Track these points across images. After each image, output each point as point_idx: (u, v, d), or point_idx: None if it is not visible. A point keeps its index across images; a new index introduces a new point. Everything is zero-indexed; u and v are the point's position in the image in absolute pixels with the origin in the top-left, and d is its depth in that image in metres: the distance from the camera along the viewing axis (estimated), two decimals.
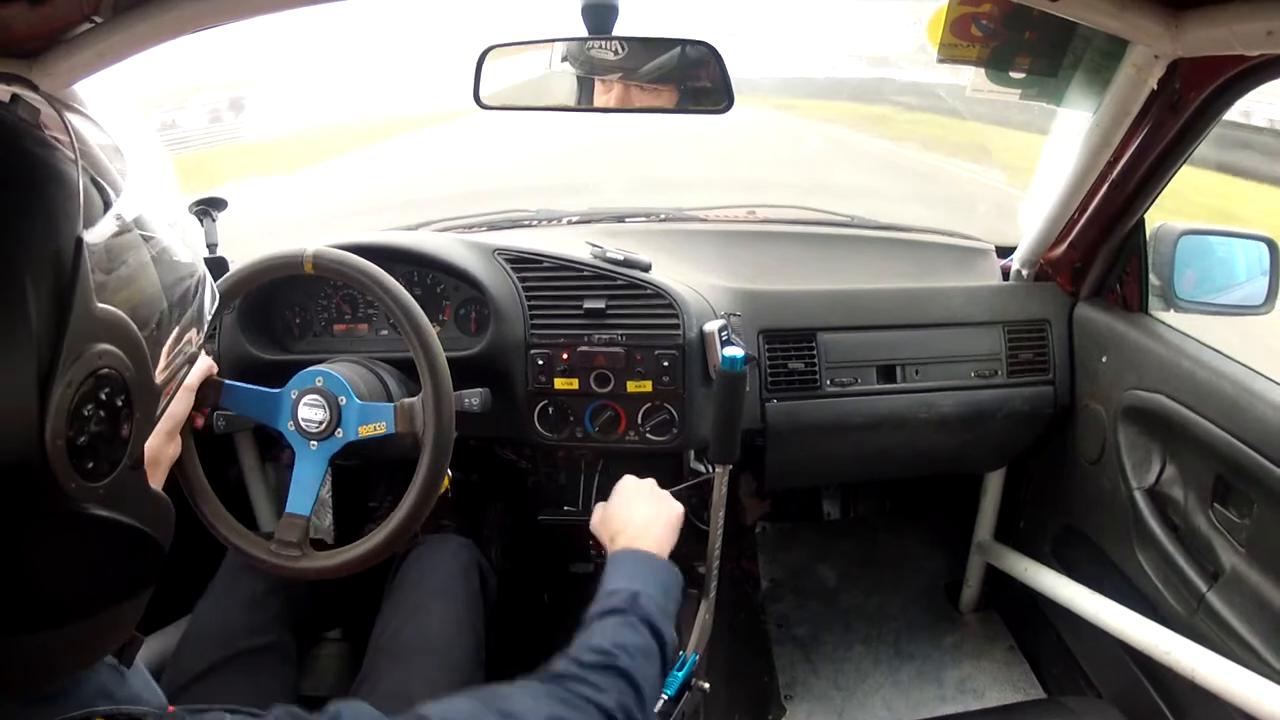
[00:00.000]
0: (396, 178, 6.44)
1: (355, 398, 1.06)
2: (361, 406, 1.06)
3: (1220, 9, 0.91)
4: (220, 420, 1.16)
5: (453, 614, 1.17)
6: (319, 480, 1.06)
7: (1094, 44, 1.11)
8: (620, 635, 0.81)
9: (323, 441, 1.05)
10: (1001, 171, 5.18)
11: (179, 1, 0.97)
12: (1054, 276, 1.50)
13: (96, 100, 1.16)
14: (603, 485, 1.44)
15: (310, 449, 1.06)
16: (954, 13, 1.12)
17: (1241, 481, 1.13)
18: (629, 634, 0.81)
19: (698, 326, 1.30)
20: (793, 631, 1.87)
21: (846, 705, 1.70)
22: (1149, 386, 1.27)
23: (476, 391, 1.16)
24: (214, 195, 1.36)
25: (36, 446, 0.41)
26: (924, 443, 1.52)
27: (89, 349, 0.42)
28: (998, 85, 1.18)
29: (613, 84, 1.09)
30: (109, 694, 0.49)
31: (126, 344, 0.45)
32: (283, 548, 1.04)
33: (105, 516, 0.47)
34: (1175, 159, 1.18)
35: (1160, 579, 1.28)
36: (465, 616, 1.18)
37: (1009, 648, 1.81)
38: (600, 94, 1.10)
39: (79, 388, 0.42)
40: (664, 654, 0.85)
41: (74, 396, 0.42)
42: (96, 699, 0.49)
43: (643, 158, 3.99)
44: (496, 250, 1.37)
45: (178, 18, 1.00)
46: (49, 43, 1.02)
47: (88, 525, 0.46)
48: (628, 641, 0.80)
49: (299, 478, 1.06)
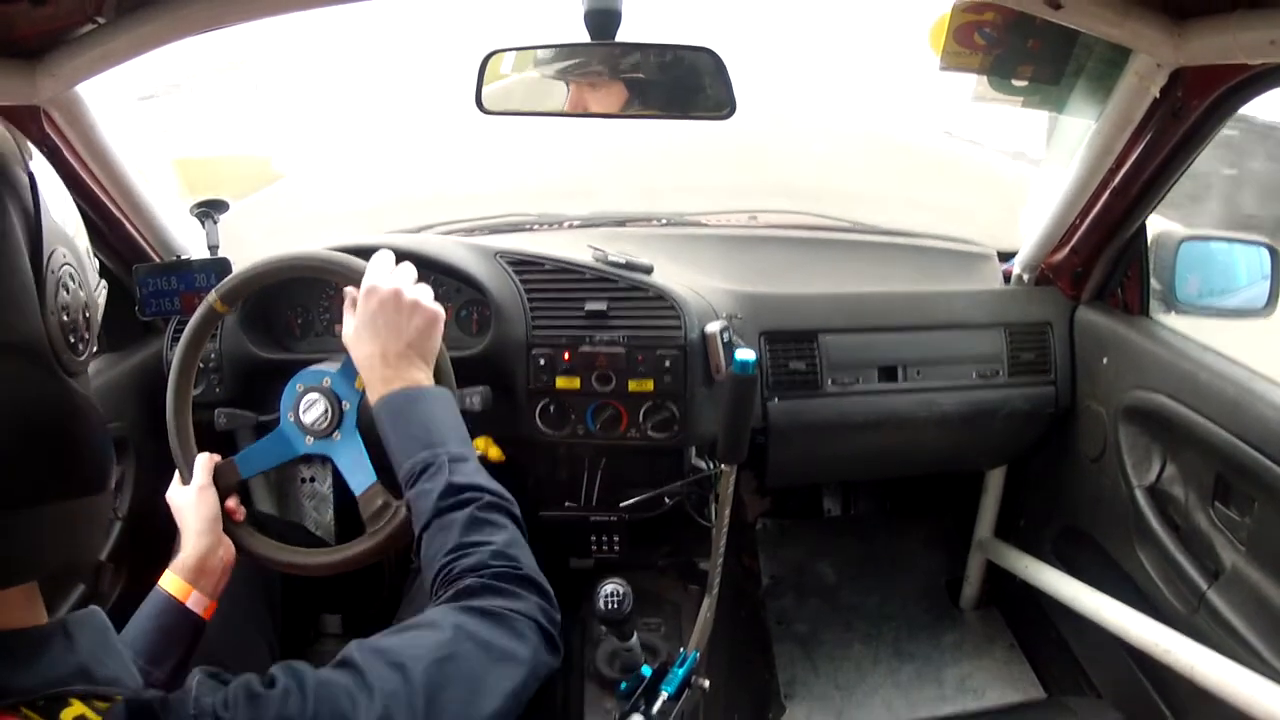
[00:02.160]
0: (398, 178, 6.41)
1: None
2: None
3: (1223, 18, 0.91)
4: (221, 418, 1.16)
5: None
6: (277, 461, 1.07)
7: (1096, 52, 1.11)
8: (475, 529, 0.78)
9: (302, 434, 1.05)
10: None
11: (184, 3, 0.97)
12: (1055, 281, 1.50)
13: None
14: (604, 482, 1.44)
15: (304, 442, 1.05)
16: (957, 21, 1.12)
17: (1242, 480, 1.14)
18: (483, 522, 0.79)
19: (699, 328, 1.30)
20: (793, 629, 1.88)
21: (846, 704, 1.71)
22: (1150, 386, 1.28)
23: (477, 389, 1.17)
24: (215, 198, 1.36)
25: (40, 324, 0.50)
26: (925, 441, 1.53)
27: (55, 248, 0.52)
28: (1000, 93, 1.19)
29: (614, 89, 1.09)
30: (88, 675, 0.50)
31: (71, 249, 0.55)
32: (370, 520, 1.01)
33: (83, 395, 0.54)
34: (1177, 167, 1.18)
35: (1160, 577, 1.29)
36: None
37: (1009, 646, 1.82)
38: (602, 99, 1.10)
39: (56, 277, 0.52)
40: (512, 512, 0.83)
41: (55, 284, 0.51)
42: (74, 680, 0.49)
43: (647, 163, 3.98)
44: (498, 253, 1.38)
45: (183, 19, 0.99)
46: (52, 43, 1.02)
47: (76, 402, 0.53)
48: (486, 536, 0.78)
49: (262, 443, 1.07)
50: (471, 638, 0.66)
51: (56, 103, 1.09)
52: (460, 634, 0.66)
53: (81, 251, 0.57)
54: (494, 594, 0.71)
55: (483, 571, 0.73)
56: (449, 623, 0.67)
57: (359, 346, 0.93)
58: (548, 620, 0.73)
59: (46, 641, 0.50)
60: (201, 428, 1.11)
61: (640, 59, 1.07)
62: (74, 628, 0.52)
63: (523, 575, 0.75)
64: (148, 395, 1.37)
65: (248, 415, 1.16)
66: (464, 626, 0.67)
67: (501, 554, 0.76)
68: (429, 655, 0.63)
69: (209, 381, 1.34)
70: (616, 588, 1.14)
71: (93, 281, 0.58)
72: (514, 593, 0.72)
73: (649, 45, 1.05)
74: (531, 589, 0.74)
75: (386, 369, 0.90)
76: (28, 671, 0.48)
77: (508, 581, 0.73)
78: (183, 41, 1.02)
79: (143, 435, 1.38)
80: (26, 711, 0.46)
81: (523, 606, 0.71)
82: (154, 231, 1.38)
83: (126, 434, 1.36)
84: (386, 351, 0.91)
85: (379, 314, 0.92)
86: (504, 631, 0.69)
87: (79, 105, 1.12)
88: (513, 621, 0.70)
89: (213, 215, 1.34)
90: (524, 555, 0.78)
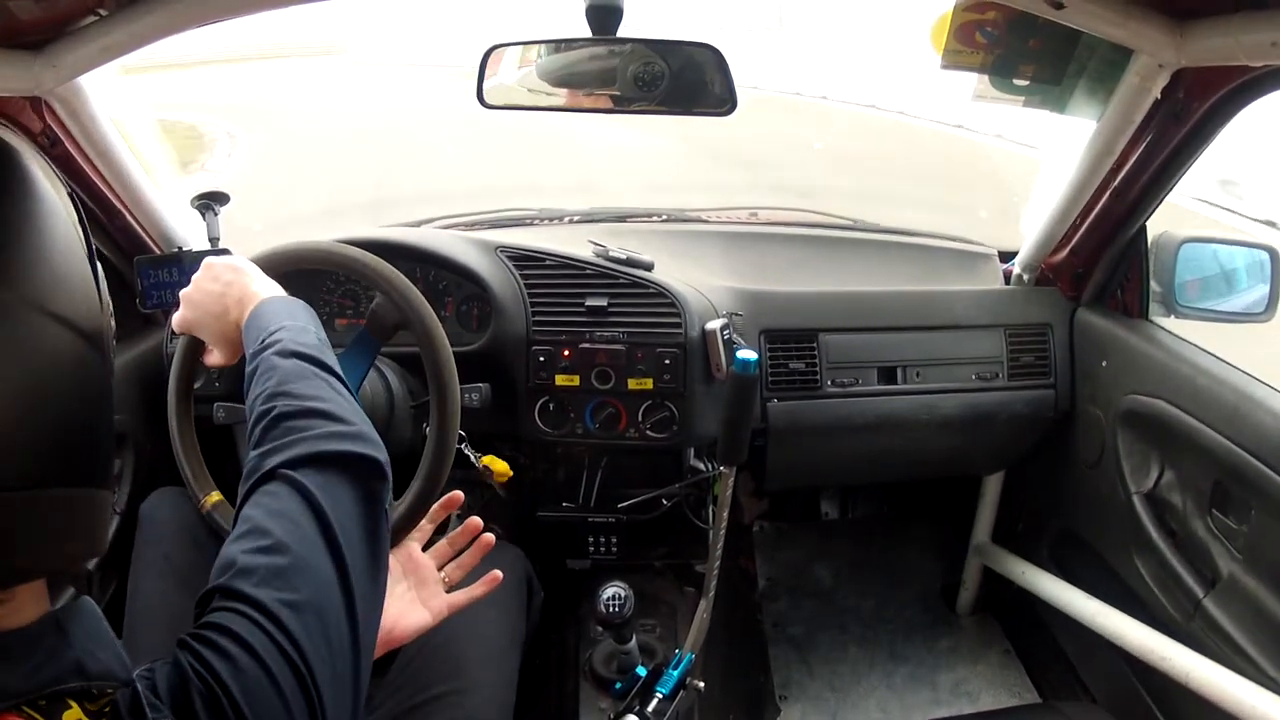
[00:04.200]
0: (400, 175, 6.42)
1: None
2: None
3: (1225, 19, 0.90)
4: (220, 412, 1.16)
5: (506, 625, 1.14)
6: None
7: (1098, 52, 1.11)
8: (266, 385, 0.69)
9: None
10: None
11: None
12: (1055, 282, 1.50)
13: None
14: (603, 482, 1.44)
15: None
16: (958, 19, 1.11)
17: (1240, 488, 1.13)
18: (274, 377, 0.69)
19: (699, 325, 1.30)
20: (788, 631, 1.87)
21: (841, 707, 1.70)
22: (1148, 391, 1.28)
23: (477, 387, 1.16)
24: (215, 190, 1.36)
25: (100, 317, 0.53)
26: (924, 445, 1.53)
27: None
28: (1001, 93, 1.18)
29: (615, 85, 1.09)
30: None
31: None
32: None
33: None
34: (1177, 168, 1.18)
35: (1157, 584, 1.28)
36: (518, 630, 1.16)
37: (1004, 651, 1.81)
38: (603, 95, 1.10)
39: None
40: (300, 352, 0.71)
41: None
42: (70, 676, 0.48)
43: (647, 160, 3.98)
44: (499, 248, 1.38)
45: (183, 12, 1.00)
46: (54, 34, 1.02)
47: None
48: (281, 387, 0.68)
49: None
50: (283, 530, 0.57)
51: (58, 94, 1.09)
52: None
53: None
54: (268, 456, 0.62)
55: (253, 439, 0.66)
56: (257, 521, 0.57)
57: (198, 328, 0.89)
58: (338, 441, 0.63)
59: (40, 638, 0.49)
60: (200, 422, 1.10)
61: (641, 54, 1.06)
62: (66, 620, 0.51)
63: (286, 413, 0.65)
64: (146, 389, 1.37)
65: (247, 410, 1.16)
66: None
67: (270, 397, 0.67)
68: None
69: (208, 376, 1.34)
70: (618, 591, 1.13)
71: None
72: (283, 444, 0.63)
73: (650, 41, 1.05)
74: (305, 419, 0.65)
75: (218, 321, 0.86)
76: (24, 671, 0.47)
77: (271, 432, 0.65)
78: (183, 34, 1.03)
79: (141, 430, 1.37)
80: (29, 710, 0.46)
81: (297, 452, 0.62)
82: (154, 223, 1.38)
83: (126, 429, 1.35)
84: (209, 303, 0.86)
85: (192, 293, 0.88)
86: (289, 489, 0.59)
87: (80, 97, 1.13)
88: (289, 477, 0.60)
89: (213, 207, 1.34)
90: (297, 385, 0.68)
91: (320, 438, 0.63)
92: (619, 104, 1.10)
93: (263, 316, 0.79)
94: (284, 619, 0.52)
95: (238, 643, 0.51)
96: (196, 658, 0.51)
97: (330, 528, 0.58)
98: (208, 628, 0.52)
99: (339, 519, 0.59)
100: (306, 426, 0.64)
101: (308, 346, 0.73)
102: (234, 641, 0.51)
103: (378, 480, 0.65)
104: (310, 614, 0.54)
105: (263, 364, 0.71)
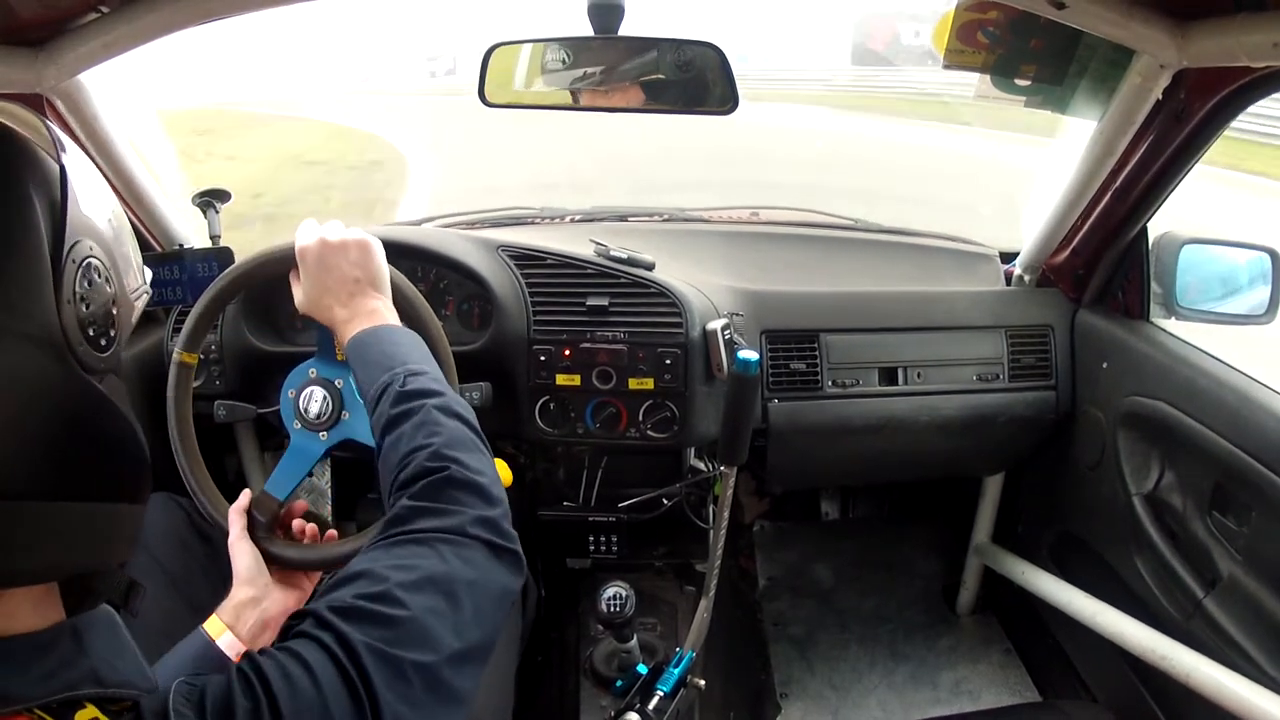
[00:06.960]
0: None
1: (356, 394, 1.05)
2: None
3: (1227, 20, 0.91)
4: (221, 410, 1.15)
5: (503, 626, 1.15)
6: (305, 470, 1.03)
7: (1100, 53, 1.11)
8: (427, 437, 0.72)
9: (314, 432, 1.04)
10: None
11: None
12: (1056, 282, 1.50)
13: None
14: (603, 482, 1.44)
15: (319, 439, 1.03)
16: (960, 19, 1.12)
17: (1240, 489, 1.13)
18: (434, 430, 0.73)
19: (700, 325, 1.30)
20: (789, 630, 1.88)
21: (841, 705, 1.70)
22: (1149, 393, 1.28)
23: (477, 386, 1.16)
24: (216, 188, 1.36)
25: (54, 313, 0.49)
26: (925, 446, 1.52)
27: (80, 240, 0.52)
28: (1003, 92, 1.18)
29: (617, 83, 1.09)
30: (99, 679, 0.49)
31: (102, 245, 0.54)
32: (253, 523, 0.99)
33: (107, 396, 0.53)
34: (1179, 169, 1.18)
35: (1157, 585, 1.28)
36: (514, 627, 1.16)
37: (1005, 651, 1.81)
38: (604, 93, 1.10)
39: (78, 268, 0.51)
40: (461, 415, 0.77)
41: (75, 274, 0.51)
42: (84, 683, 0.48)
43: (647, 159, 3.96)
44: (500, 247, 1.38)
45: (185, 9, 1.00)
46: (55, 31, 1.02)
47: (94, 399, 0.52)
48: (440, 442, 0.72)
49: (284, 462, 1.03)
50: (404, 586, 0.59)
51: (59, 91, 1.09)
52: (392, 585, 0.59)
53: (119, 252, 0.56)
54: (424, 515, 0.65)
55: (413, 488, 0.68)
56: (380, 571, 0.60)
57: (314, 305, 0.92)
58: (489, 529, 0.66)
59: (53, 644, 0.49)
60: (201, 420, 1.10)
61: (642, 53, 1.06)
62: (83, 629, 0.51)
63: (455, 479, 0.68)
64: (147, 387, 1.36)
65: (247, 408, 1.15)
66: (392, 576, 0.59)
67: (439, 455, 0.70)
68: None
69: (209, 374, 1.34)
70: (619, 591, 1.13)
71: (130, 284, 0.58)
72: (442, 509, 0.66)
73: (653, 40, 1.05)
74: (469, 493, 0.68)
75: (343, 309, 0.89)
76: (33, 676, 0.47)
77: (437, 493, 0.67)
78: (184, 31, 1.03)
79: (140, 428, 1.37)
80: (39, 713, 0.46)
81: (453, 522, 0.65)
82: (156, 221, 1.38)
83: None
84: (337, 291, 0.90)
85: (315, 266, 0.91)
86: (434, 555, 0.62)
87: (81, 94, 1.13)
88: (437, 543, 0.63)
89: (214, 204, 1.34)
90: (466, 454, 0.72)
91: (479, 523, 0.66)
92: (620, 102, 1.10)
93: (395, 344, 0.85)
94: (363, 659, 0.53)
95: (303, 667, 0.52)
96: (255, 670, 0.52)
97: (461, 607, 0.60)
98: (282, 650, 0.54)
99: (475, 600, 0.61)
100: (468, 501, 0.68)
101: (465, 408, 0.79)
102: (300, 665, 0.52)
103: (518, 576, 0.68)
104: (403, 669, 0.55)
105: (424, 413, 0.75)
